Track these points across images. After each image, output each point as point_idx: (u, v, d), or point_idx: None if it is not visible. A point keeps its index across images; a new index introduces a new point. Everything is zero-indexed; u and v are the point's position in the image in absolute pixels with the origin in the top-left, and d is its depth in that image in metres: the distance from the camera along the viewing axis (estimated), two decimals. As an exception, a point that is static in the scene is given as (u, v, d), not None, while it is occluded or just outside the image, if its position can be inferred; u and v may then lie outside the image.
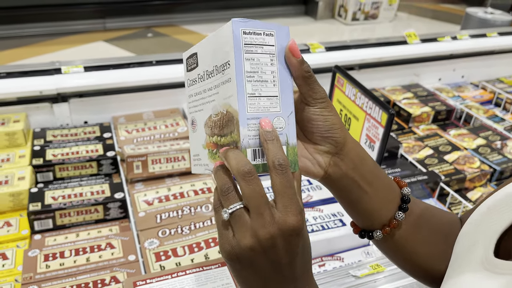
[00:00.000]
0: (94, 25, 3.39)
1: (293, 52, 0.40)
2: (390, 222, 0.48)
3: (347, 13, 3.91)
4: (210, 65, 0.42)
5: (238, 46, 0.38)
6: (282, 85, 0.40)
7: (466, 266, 0.41)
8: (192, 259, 0.80)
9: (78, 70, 1.18)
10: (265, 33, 0.39)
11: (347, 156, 0.45)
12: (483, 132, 1.34)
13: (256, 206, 0.36)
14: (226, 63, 0.39)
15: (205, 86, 0.43)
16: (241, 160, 0.37)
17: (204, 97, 0.43)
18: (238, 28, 0.38)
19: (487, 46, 1.68)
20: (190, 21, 3.69)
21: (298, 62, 0.40)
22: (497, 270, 0.36)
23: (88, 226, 0.92)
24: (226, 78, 0.39)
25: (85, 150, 1.07)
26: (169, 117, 1.24)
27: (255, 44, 0.39)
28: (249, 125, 0.38)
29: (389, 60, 1.51)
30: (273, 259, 0.37)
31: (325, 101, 0.43)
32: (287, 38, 0.40)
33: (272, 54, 0.40)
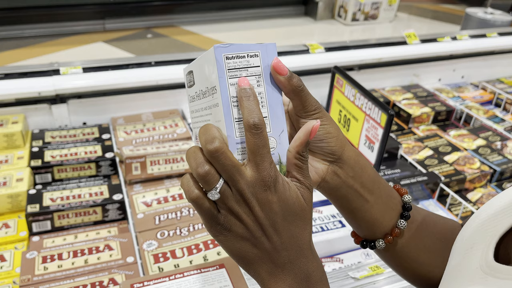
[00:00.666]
0: (94, 26, 3.39)
1: (278, 71, 0.39)
2: (392, 231, 0.47)
3: (347, 13, 3.91)
4: (203, 86, 0.42)
5: (222, 72, 0.38)
6: (271, 105, 0.40)
7: (464, 270, 0.40)
8: (190, 260, 0.80)
9: (77, 71, 1.17)
10: (249, 55, 0.39)
11: (346, 164, 0.44)
12: (483, 133, 1.33)
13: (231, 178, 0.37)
14: (213, 88, 0.40)
15: (202, 104, 0.44)
16: (208, 137, 0.37)
17: (202, 115, 0.44)
18: (220, 54, 0.38)
19: (487, 46, 1.67)
20: (190, 22, 3.69)
21: (286, 79, 0.40)
22: (499, 275, 0.36)
23: (86, 228, 0.92)
24: (215, 102, 0.40)
25: (84, 152, 1.07)
26: (168, 118, 1.24)
27: (239, 68, 0.39)
28: (238, 149, 0.38)
29: (389, 61, 1.51)
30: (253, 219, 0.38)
31: (319, 111, 0.43)
32: (272, 56, 0.40)
33: (258, 75, 0.40)
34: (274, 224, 0.38)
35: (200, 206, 0.38)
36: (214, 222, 0.39)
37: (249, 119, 0.36)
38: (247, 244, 0.39)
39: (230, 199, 0.37)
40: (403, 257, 0.49)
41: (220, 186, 0.37)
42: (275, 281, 0.39)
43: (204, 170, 0.37)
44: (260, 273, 0.39)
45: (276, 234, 0.38)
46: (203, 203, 0.38)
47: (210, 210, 0.38)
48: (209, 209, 0.38)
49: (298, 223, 0.39)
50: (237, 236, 0.38)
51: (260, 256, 0.39)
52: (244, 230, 0.38)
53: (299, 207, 0.39)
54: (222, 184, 0.37)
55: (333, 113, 1.12)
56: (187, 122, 1.25)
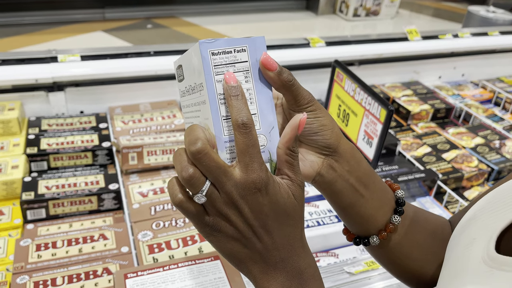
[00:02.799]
0: (93, 14, 3.36)
1: (267, 66, 0.38)
2: (386, 227, 0.46)
3: (349, 9, 3.89)
4: (192, 81, 0.41)
5: (208, 69, 0.37)
6: (260, 101, 0.39)
7: (465, 265, 0.40)
8: (185, 252, 0.79)
9: (75, 59, 1.16)
10: (236, 50, 0.38)
11: (341, 158, 0.43)
12: (482, 131, 1.33)
13: (217, 180, 0.36)
14: (200, 85, 0.38)
15: (192, 100, 0.42)
16: (192, 137, 0.35)
17: (193, 110, 0.43)
18: (206, 49, 0.36)
19: (488, 45, 1.67)
20: (190, 13, 3.67)
21: (276, 74, 0.38)
22: (504, 268, 0.35)
23: (81, 217, 0.91)
24: (202, 99, 0.38)
25: (80, 140, 1.06)
26: (166, 109, 1.23)
27: (226, 64, 0.37)
28: (227, 148, 0.37)
29: (390, 57, 1.50)
30: (243, 221, 0.37)
31: (312, 104, 0.41)
32: (262, 49, 0.39)
33: (246, 70, 0.38)
34: (265, 225, 0.37)
35: (186, 210, 0.37)
36: (202, 224, 0.37)
37: (237, 118, 0.35)
38: (237, 244, 0.38)
39: (217, 201, 0.36)
40: (396, 254, 0.48)
41: (207, 189, 0.36)
42: (267, 280, 0.38)
43: (188, 173, 0.35)
44: (252, 272, 0.39)
45: (267, 235, 0.37)
46: (187, 207, 0.37)
47: (197, 213, 0.37)
48: (196, 212, 0.37)
49: (289, 222, 0.38)
50: (228, 237, 0.37)
51: (251, 256, 0.38)
52: (234, 231, 0.37)
53: (290, 207, 0.38)
54: (208, 186, 0.36)
55: (333, 108, 1.12)
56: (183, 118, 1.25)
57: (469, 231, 0.42)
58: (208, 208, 0.37)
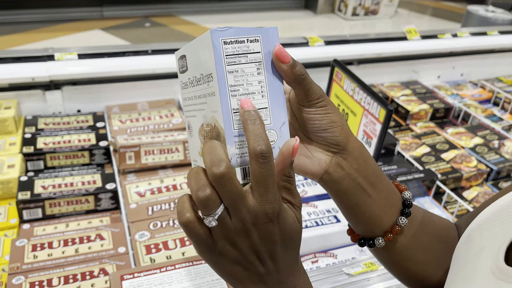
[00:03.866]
0: (91, 13, 3.35)
1: (280, 58, 0.36)
2: (392, 228, 0.45)
3: (347, 8, 3.88)
4: (197, 72, 0.39)
5: (219, 58, 0.35)
6: (271, 95, 0.37)
7: (473, 274, 0.39)
8: (183, 252, 0.79)
9: (72, 57, 1.15)
10: (249, 40, 0.36)
11: (350, 156, 0.42)
12: (480, 131, 1.33)
13: (233, 206, 0.34)
14: (209, 75, 0.36)
15: (195, 92, 0.40)
16: (215, 158, 0.34)
17: (196, 103, 0.41)
18: (218, 38, 0.35)
19: (487, 44, 1.66)
20: (189, 12, 3.66)
21: (289, 67, 0.37)
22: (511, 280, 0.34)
23: (78, 217, 0.90)
24: (211, 91, 0.37)
25: (77, 139, 1.05)
26: (164, 108, 1.22)
27: (238, 54, 0.35)
28: (236, 143, 0.36)
29: (389, 56, 1.49)
30: (250, 246, 0.36)
31: (322, 100, 0.40)
32: (275, 40, 0.37)
33: (259, 62, 0.36)
34: (271, 251, 0.36)
35: (191, 230, 0.35)
36: (205, 248, 0.36)
37: (255, 147, 0.33)
38: (238, 267, 0.37)
39: (228, 226, 0.35)
40: (401, 256, 0.47)
41: (220, 213, 0.34)
42: None
43: (205, 194, 0.33)
44: None
45: (270, 259, 0.37)
46: (194, 227, 0.35)
47: (202, 236, 0.36)
48: (202, 235, 0.35)
49: (293, 246, 0.38)
50: (229, 261, 0.37)
51: (251, 278, 0.37)
52: (237, 256, 0.36)
53: (296, 232, 0.37)
54: (222, 210, 0.34)
55: (331, 107, 1.11)
56: (183, 112, 1.24)
57: (478, 240, 0.41)
58: (215, 232, 0.36)
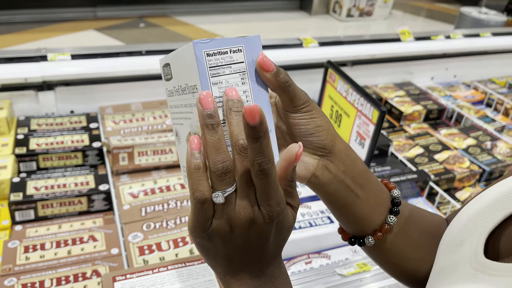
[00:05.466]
0: (85, 13, 3.34)
1: (264, 67, 0.37)
2: (381, 227, 0.46)
3: (342, 9, 3.90)
4: (182, 82, 0.39)
5: (202, 71, 0.35)
6: (257, 103, 0.37)
7: (454, 268, 0.39)
8: (176, 253, 0.79)
9: (65, 57, 1.15)
10: (232, 50, 0.36)
11: (337, 158, 0.42)
12: (473, 132, 1.34)
13: (244, 186, 0.34)
14: (194, 87, 0.36)
15: (181, 101, 0.40)
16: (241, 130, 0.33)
17: (183, 111, 0.41)
18: (201, 50, 0.34)
19: (480, 46, 1.67)
20: (183, 12, 3.65)
21: (273, 75, 0.37)
22: (489, 272, 0.35)
23: (71, 218, 0.90)
24: (196, 102, 0.37)
25: (70, 140, 1.04)
26: (158, 109, 1.22)
27: (222, 65, 0.35)
28: None
29: (382, 57, 1.50)
30: (244, 240, 0.36)
31: (307, 105, 0.40)
32: (258, 49, 0.37)
33: (243, 72, 0.36)
34: (261, 246, 0.37)
35: (207, 209, 0.35)
36: (201, 229, 0.36)
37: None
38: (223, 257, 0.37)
39: (231, 208, 0.34)
40: (392, 253, 0.48)
41: (231, 191, 0.34)
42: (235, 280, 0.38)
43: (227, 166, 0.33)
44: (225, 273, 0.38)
45: (260, 254, 0.37)
46: (210, 207, 0.35)
47: (210, 216, 0.35)
48: (210, 215, 0.35)
49: (281, 243, 0.38)
50: (218, 248, 0.37)
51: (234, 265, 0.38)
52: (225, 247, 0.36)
53: (288, 230, 0.38)
54: (234, 190, 0.34)
55: (325, 108, 1.11)
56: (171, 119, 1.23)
57: (459, 234, 0.42)
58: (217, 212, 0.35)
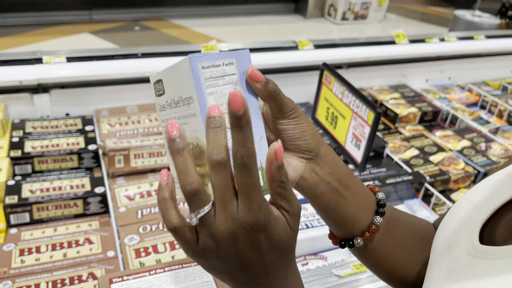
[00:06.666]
0: (80, 16, 3.33)
1: (254, 78, 0.39)
2: (369, 228, 0.48)
3: (337, 12, 3.92)
4: (175, 95, 0.42)
5: (198, 82, 0.37)
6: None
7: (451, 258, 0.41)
8: (173, 256, 0.78)
9: (60, 60, 1.14)
10: (224, 64, 0.39)
11: (323, 161, 0.45)
12: (468, 134, 1.34)
13: (221, 200, 0.34)
14: (189, 98, 0.39)
15: (175, 114, 0.43)
16: (215, 146, 0.33)
17: None
18: (196, 63, 0.37)
19: (474, 48, 1.69)
20: (179, 16, 3.65)
21: (262, 85, 0.40)
22: (487, 256, 0.37)
23: (66, 221, 0.89)
24: (192, 112, 0.39)
25: (66, 143, 1.04)
26: (153, 111, 1.22)
27: (216, 77, 0.38)
28: None
29: (377, 60, 1.51)
30: (236, 252, 0.35)
31: (294, 112, 0.43)
32: (248, 62, 0.40)
33: (234, 83, 0.39)
34: (257, 258, 0.36)
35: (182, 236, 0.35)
36: (192, 251, 0.36)
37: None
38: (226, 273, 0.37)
39: (212, 227, 0.34)
40: (381, 254, 0.50)
41: (207, 211, 0.34)
42: None
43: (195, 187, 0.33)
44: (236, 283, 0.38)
45: (260, 267, 0.37)
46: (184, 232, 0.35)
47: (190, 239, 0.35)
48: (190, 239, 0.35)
49: (282, 253, 0.38)
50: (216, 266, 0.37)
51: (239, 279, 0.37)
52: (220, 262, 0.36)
53: (286, 241, 0.37)
54: (210, 209, 0.34)
55: (321, 110, 1.12)
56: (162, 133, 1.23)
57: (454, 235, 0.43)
58: (201, 233, 0.35)
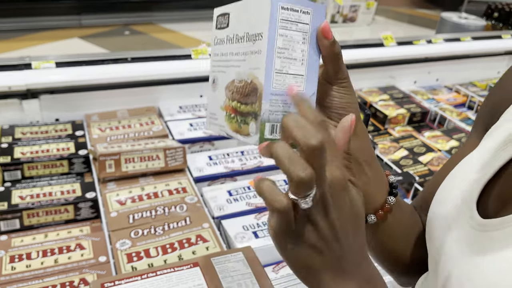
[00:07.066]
0: (69, 21, 3.32)
1: (325, 34, 0.40)
2: (382, 207, 0.48)
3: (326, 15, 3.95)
4: (241, 30, 0.42)
5: (273, 20, 0.38)
6: (309, 65, 0.40)
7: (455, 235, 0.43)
8: (165, 260, 0.78)
9: (50, 65, 1.14)
10: (301, 11, 0.39)
11: (356, 136, 0.44)
12: (456, 134, 1.36)
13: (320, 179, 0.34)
14: (258, 34, 0.39)
15: (233, 49, 0.43)
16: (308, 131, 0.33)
17: (229, 60, 0.44)
18: (278, 2, 0.38)
19: (461, 50, 1.71)
20: (168, 20, 3.65)
21: (330, 43, 0.40)
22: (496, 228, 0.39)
23: (57, 227, 0.89)
24: (256, 49, 0.39)
25: (56, 148, 1.04)
26: (144, 116, 1.22)
27: (291, 21, 0.39)
28: (271, 100, 0.39)
29: (366, 62, 1.52)
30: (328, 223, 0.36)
31: (347, 80, 0.43)
32: (321, 18, 0.40)
33: (305, 32, 0.40)
34: (344, 226, 0.36)
35: (287, 218, 0.35)
36: (289, 231, 0.36)
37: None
38: (315, 251, 0.36)
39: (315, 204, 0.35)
40: (389, 233, 0.50)
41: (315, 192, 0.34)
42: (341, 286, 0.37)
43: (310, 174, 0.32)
44: (324, 280, 0.37)
45: (345, 238, 0.37)
46: (290, 214, 0.35)
47: (292, 221, 0.35)
48: (292, 220, 0.35)
49: (360, 225, 0.38)
50: (308, 243, 0.36)
51: (326, 262, 0.37)
52: (317, 238, 0.36)
53: (361, 209, 0.38)
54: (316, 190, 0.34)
55: (311, 113, 1.13)
56: (163, 119, 1.24)
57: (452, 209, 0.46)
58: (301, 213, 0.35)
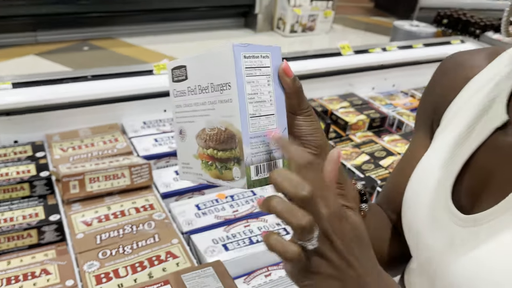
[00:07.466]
0: (24, 38, 3.22)
1: (286, 73, 0.43)
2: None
3: (285, 25, 4.02)
4: (203, 81, 0.44)
5: (239, 70, 0.40)
6: (277, 103, 0.43)
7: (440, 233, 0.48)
8: (135, 279, 0.78)
9: (5, 86, 1.11)
10: (261, 56, 0.42)
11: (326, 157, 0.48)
12: (413, 137, 1.42)
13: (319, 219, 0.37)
14: (226, 84, 0.41)
15: (198, 100, 0.45)
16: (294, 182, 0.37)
17: (196, 110, 0.46)
18: (239, 52, 0.40)
19: (413, 56, 1.79)
20: (129, 34, 3.61)
21: (291, 80, 0.43)
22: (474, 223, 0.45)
23: (20, 253, 0.86)
24: (226, 98, 0.41)
25: (16, 171, 1.01)
26: (107, 133, 1.20)
27: (254, 67, 0.41)
28: (251, 144, 0.41)
29: (325, 71, 1.57)
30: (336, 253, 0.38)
31: (310, 110, 0.47)
32: (279, 58, 0.43)
33: (268, 75, 0.43)
34: (352, 250, 0.39)
35: (300, 260, 0.37)
36: (304, 271, 0.38)
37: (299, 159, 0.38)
38: (333, 280, 0.39)
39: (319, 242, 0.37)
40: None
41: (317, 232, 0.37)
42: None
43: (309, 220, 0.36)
44: None
45: (356, 261, 0.39)
46: (302, 257, 0.37)
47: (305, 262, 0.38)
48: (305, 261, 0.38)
49: (366, 244, 0.41)
50: (324, 275, 0.38)
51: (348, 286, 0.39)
52: (331, 269, 0.38)
53: (363, 229, 0.41)
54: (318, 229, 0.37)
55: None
56: (127, 136, 1.22)
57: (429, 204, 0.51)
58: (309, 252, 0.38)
